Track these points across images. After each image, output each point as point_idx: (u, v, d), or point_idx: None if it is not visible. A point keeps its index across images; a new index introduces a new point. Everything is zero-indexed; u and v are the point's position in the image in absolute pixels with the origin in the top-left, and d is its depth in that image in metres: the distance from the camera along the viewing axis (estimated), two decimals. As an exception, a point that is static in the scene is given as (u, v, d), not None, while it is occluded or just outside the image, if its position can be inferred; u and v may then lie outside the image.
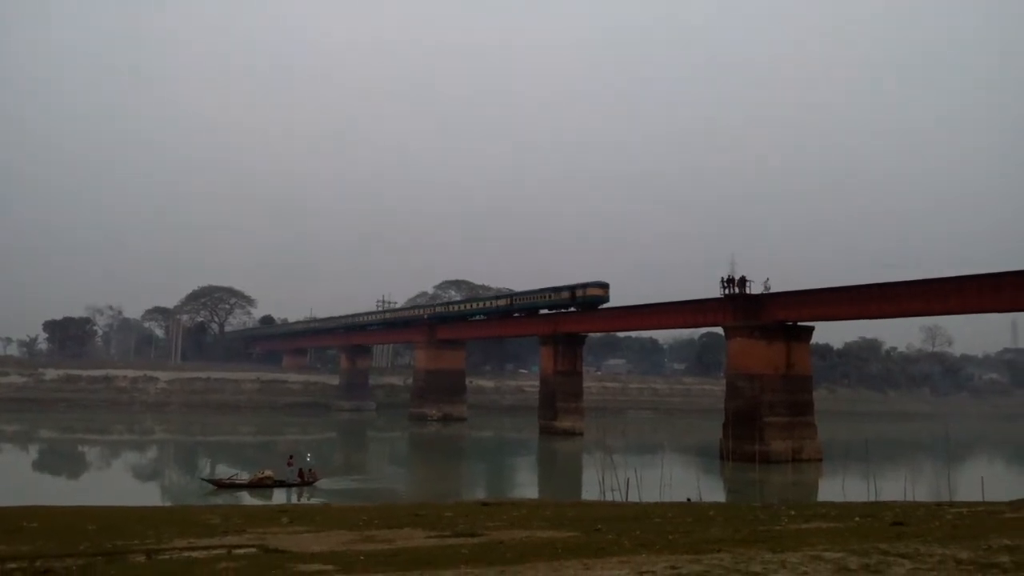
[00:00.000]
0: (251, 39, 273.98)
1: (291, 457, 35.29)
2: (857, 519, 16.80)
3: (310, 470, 34.39)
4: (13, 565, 10.69)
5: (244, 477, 33.97)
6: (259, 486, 32.65)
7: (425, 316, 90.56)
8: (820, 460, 47.90)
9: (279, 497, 31.41)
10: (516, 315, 77.04)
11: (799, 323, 49.88)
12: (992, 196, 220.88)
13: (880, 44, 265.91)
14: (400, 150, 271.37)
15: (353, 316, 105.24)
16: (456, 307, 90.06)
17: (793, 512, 18.99)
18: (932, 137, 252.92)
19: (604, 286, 67.85)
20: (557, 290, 71.15)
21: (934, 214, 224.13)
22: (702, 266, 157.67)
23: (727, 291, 50.97)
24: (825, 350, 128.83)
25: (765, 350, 48.67)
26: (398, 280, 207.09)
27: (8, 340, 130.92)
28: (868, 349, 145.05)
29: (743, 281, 50.51)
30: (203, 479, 34.75)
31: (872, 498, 25.08)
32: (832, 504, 22.22)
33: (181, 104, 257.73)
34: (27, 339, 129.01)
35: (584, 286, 68.04)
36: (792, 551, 11.76)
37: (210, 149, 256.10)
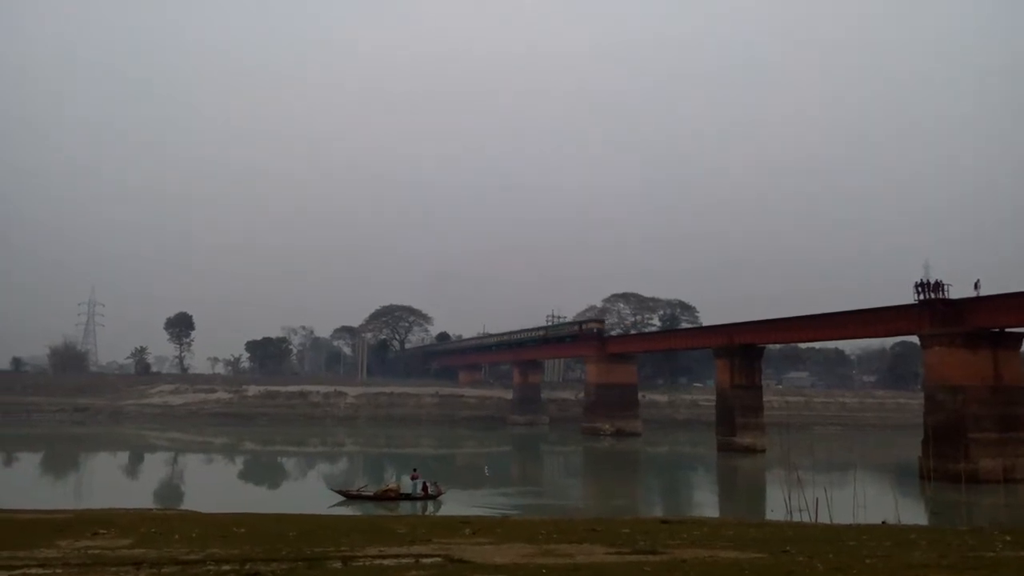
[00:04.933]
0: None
1: (415, 470, 35.90)
2: (1089, 548, 14.96)
3: (434, 484, 34.85)
4: (227, 567, 11.64)
5: (370, 489, 34.75)
6: (384, 499, 33.28)
7: (599, 332, 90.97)
8: (1037, 481, 43.22)
9: (404, 510, 31.87)
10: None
11: (1006, 329, 45.41)
12: None
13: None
14: (557, 157, 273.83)
15: (520, 332, 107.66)
16: (519, 335, 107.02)
17: (1008, 538, 17.20)
18: None
19: (601, 321, 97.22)
20: (571, 324, 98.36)
21: None
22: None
23: (922, 296, 47.19)
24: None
25: (969, 359, 44.50)
26: (571, 291, 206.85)
27: (216, 360, 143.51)
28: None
29: (939, 285, 46.63)
30: (332, 489, 35.73)
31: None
32: (1056, 530, 19.92)
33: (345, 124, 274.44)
34: (232, 358, 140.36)
35: (587, 321, 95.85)
36: (1013, 582, 10.68)
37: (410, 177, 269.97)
